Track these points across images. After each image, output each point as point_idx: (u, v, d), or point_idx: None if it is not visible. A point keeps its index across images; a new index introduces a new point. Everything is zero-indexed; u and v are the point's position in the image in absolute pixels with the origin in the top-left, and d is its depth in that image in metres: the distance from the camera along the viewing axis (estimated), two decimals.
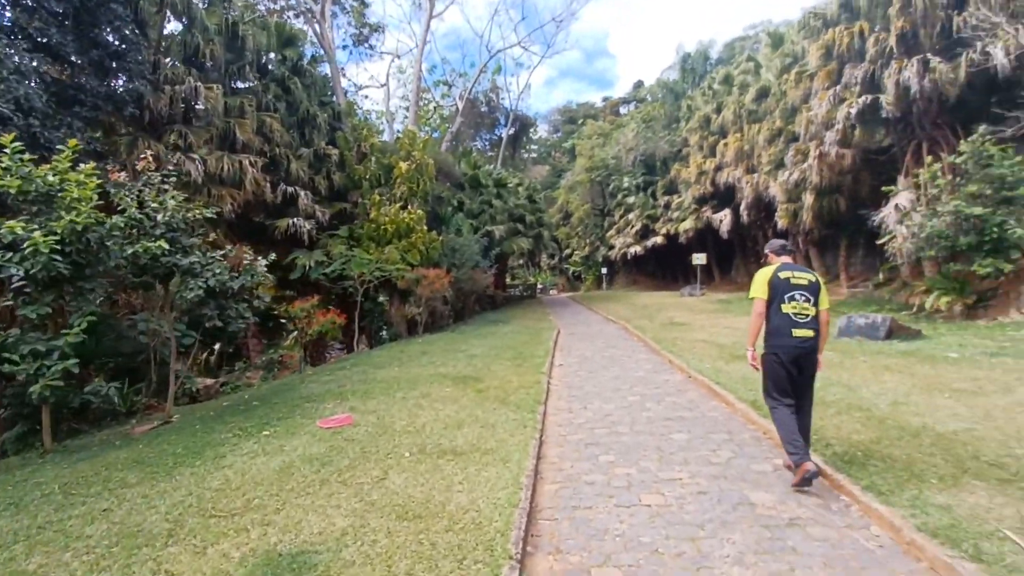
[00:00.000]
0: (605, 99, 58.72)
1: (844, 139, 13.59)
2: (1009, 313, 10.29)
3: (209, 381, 9.53)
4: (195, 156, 11.28)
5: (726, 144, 21.75)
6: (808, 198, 16.08)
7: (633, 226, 31.30)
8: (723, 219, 23.21)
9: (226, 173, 11.91)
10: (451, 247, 17.77)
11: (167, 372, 7.08)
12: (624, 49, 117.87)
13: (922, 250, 11.27)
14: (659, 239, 29.05)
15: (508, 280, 38.43)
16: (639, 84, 52.11)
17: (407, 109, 29.85)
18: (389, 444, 4.70)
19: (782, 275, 3.87)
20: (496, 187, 24.10)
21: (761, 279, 3.94)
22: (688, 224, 25.69)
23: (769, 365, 3.92)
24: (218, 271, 6.39)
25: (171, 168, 7.24)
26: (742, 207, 21.28)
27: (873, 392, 5.75)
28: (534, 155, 55.75)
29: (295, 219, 13.49)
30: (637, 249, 30.87)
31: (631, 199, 32.11)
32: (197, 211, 6.64)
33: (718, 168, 22.79)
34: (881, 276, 15.03)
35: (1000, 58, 9.76)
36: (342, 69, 24.41)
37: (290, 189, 13.57)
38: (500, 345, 11.23)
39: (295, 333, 12.26)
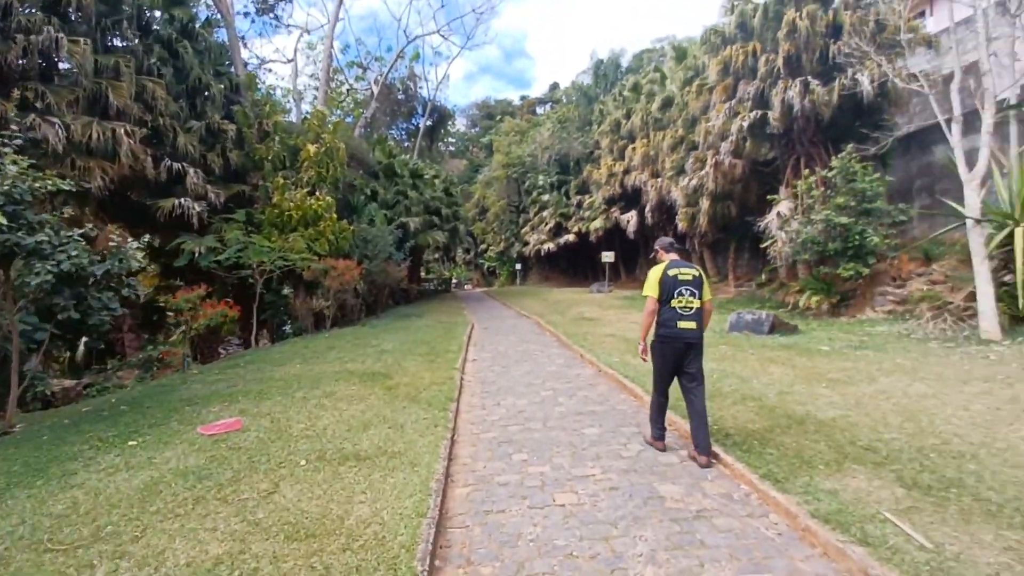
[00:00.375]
0: (523, 98, 59.25)
1: (737, 150, 14.58)
2: (865, 311, 11.56)
3: (69, 383, 8.17)
4: (55, 120, 9.59)
5: (634, 149, 22.66)
6: (704, 203, 17.12)
7: (547, 223, 31.81)
8: (630, 220, 24.20)
9: (96, 142, 10.25)
10: (363, 238, 16.85)
11: (9, 372, 5.89)
12: (542, 51, 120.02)
13: (798, 254, 12.31)
14: (571, 237, 29.75)
15: (423, 274, 37.55)
16: (555, 86, 53.10)
17: (317, 89, 27.93)
18: (283, 451, 4.18)
19: (671, 273, 4.17)
20: (412, 178, 23.29)
21: (653, 278, 4.22)
22: (598, 223, 26.52)
23: (657, 352, 4.26)
24: (75, 253, 5.37)
25: (15, 129, 5.96)
26: (647, 209, 22.30)
27: (763, 383, 6.11)
28: (452, 148, 54.94)
29: (182, 199, 11.98)
30: (550, 246, 31.41)
31: (545, 197, 32.59)
32: (49, 182, 5.54)
33: (626, 171, 23.70)
34: (763, 276, 16.35)
35: (866, 85, 10.94)
36: (242, 38, 22.24)
37: (177, 165, 12.02)
38: (413, 340, 10.77)
39: (182, 327, 10.92)
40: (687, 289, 4.12)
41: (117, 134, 10.48)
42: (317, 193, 14.98)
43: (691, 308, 4.11)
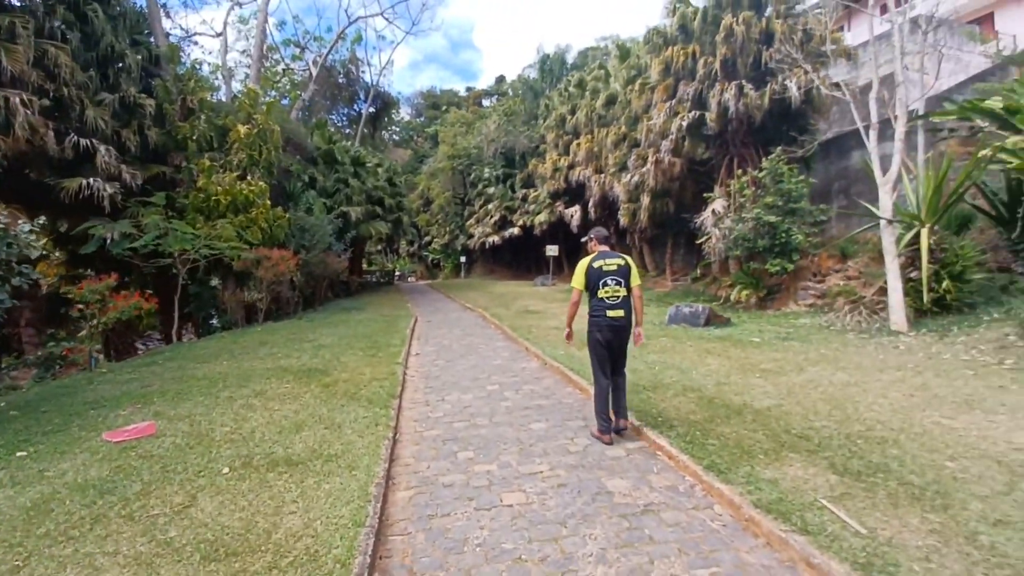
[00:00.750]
0: (469, 89, 58.58)
1: (676, 149, 15.00)
2: (789, 304, 12.24)
3: None
4: None
5: (579, 144, 22.86)
6: (645, 199, 17.54)
7: (492, 216, 31.60)
8: (574, 214, 24.47)
9: None
10: (300, 227, 15.95)
11: None
12: (489, 43, 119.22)
13: (730, 250, 12.84)
14: (516, 230, 29.71)
15: (365, 266, 36.35)
16: (501, 79, 52.81)
17: (249, 67, 26.13)
18: (203, 458, 3.77)
19: (595, 265, 4.35)
20: (353, 165, 22.33)
21: (580, 270, 4.40)
22: (543, 217, 26.62)
23: (591, 342, 4.41)
24: None
25: None
26: (590, 204, 22.60)
27: (701, 374, 6.25)
28: (396, 137, 53.43)
29: (92, 180, 10.76)
30: (495, 239, 31.25)
31: (491, 190, 32.35)
32: None
33: (571, 166, 23.90)
34: (698, 271, 16.99)
35: (794, 91, 11.53)
36: (164, 6, 20.36)
37: (84, 141, 10.76)
38: (353, 334, 10.29)
39: (92, 321, 9.83)
40: (612, 279, 4.29)
41: (11, 103, 9.23)
42: (249, 178, 13.99)
43: (618, 297, 4.28)
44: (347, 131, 37.00)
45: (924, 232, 8.44)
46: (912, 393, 4.93)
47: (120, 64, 12.61)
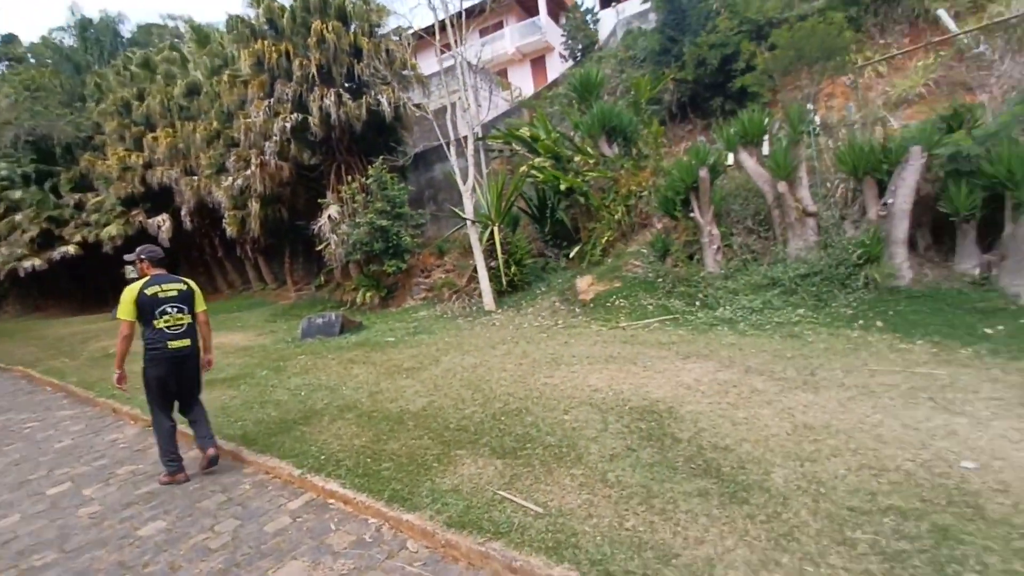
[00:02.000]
0: None
1: (282, 152, 13.71)
2: (407, 300, 13.17)
3: None
4: None
5: (156, 138, 17.92)
6: (254, 206, 15.44)
7: (26, 232, 21.24)
8: (162, 224, 19.19)
9: None
10: None
11: None
12: None
13: (350, 254, 12.82)
14: (72, 248, 20.95)
15: None
16: (12, 38, 35.90)
17: None
18: None
19: (148, 291, 3.74)
20: None
21: (127, 300, 3.69)
22: (115, 230, 19.73)
23: (148, 380, 3.81)
24: None
25: None
26: (183, 211, 18.25)
27: (352, 388, 5.77)
28: None
29: None
30: (36, 263, 21.16)
31: (17, 194, 21.70)
32: None
33: (148, 165, 18.55)
34: (321, 279, 16.33)
35: (385, 106, 12.25)
36: None
37: None
38: None
39: None
40: (172, 306, 3.78)
41: None
42: None
43: (182, 325, 3.82)
44: None
45: (496, 230, 10.46)
46: (520, 362, 5.90)
47: None
